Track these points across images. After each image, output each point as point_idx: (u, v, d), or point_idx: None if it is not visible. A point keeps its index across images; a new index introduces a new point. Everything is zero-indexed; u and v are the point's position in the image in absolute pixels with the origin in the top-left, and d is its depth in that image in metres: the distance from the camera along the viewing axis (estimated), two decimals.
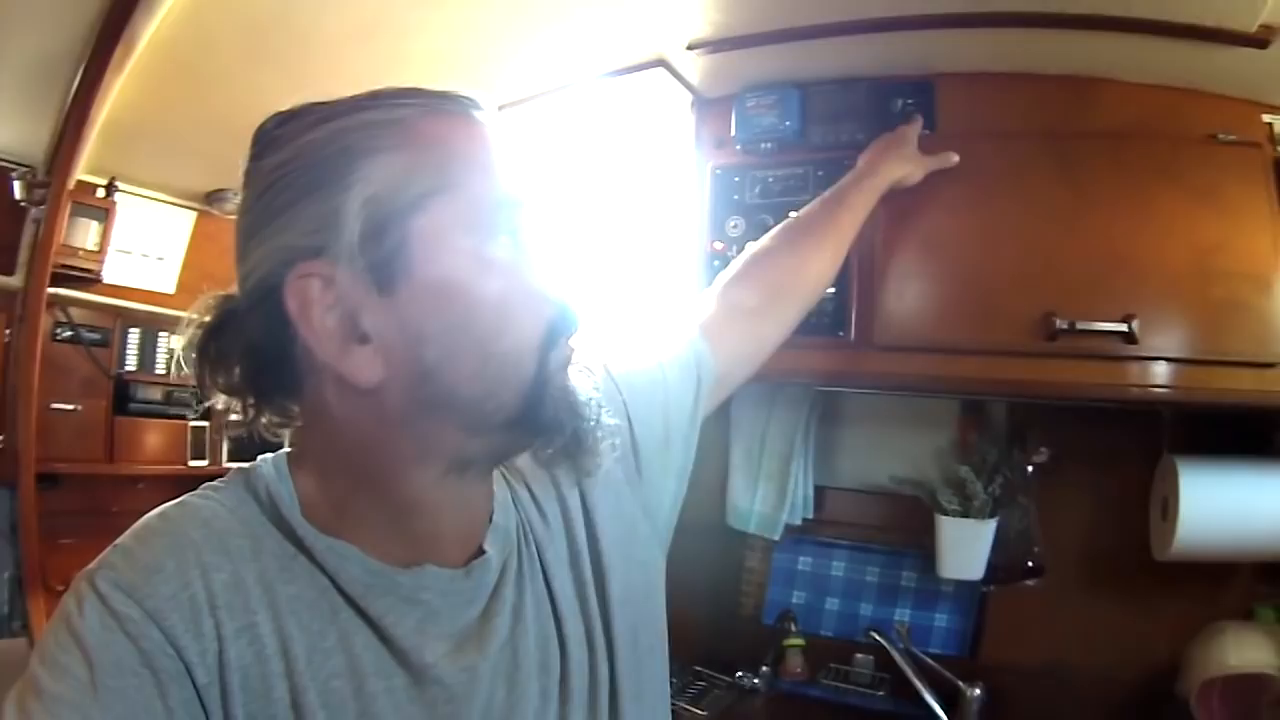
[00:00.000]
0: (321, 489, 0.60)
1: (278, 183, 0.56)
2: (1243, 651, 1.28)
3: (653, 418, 0.79)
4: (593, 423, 0.62)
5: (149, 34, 1.40)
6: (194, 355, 0.61)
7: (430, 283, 0.55)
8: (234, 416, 0.62)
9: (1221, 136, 1.19)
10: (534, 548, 0.68)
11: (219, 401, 0.62)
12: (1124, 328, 1.12)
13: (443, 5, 1.36)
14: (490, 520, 0.65)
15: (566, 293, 0.61)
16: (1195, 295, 1.15)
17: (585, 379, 0.64)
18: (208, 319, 0.61)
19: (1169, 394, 1.17)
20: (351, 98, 0.59)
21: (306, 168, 0.56)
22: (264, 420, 0.62)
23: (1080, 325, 1.10)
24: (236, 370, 0.60)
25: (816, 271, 1.03)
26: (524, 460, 0.69)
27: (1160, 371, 1.17)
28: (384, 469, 0.59)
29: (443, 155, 0.57)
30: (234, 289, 0.60)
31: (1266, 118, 1.22)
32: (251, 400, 0.61)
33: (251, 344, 0.58)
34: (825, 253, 1.04)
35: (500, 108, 0.63)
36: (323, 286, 0.54)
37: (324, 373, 0.56)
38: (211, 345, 0.60)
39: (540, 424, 0.60)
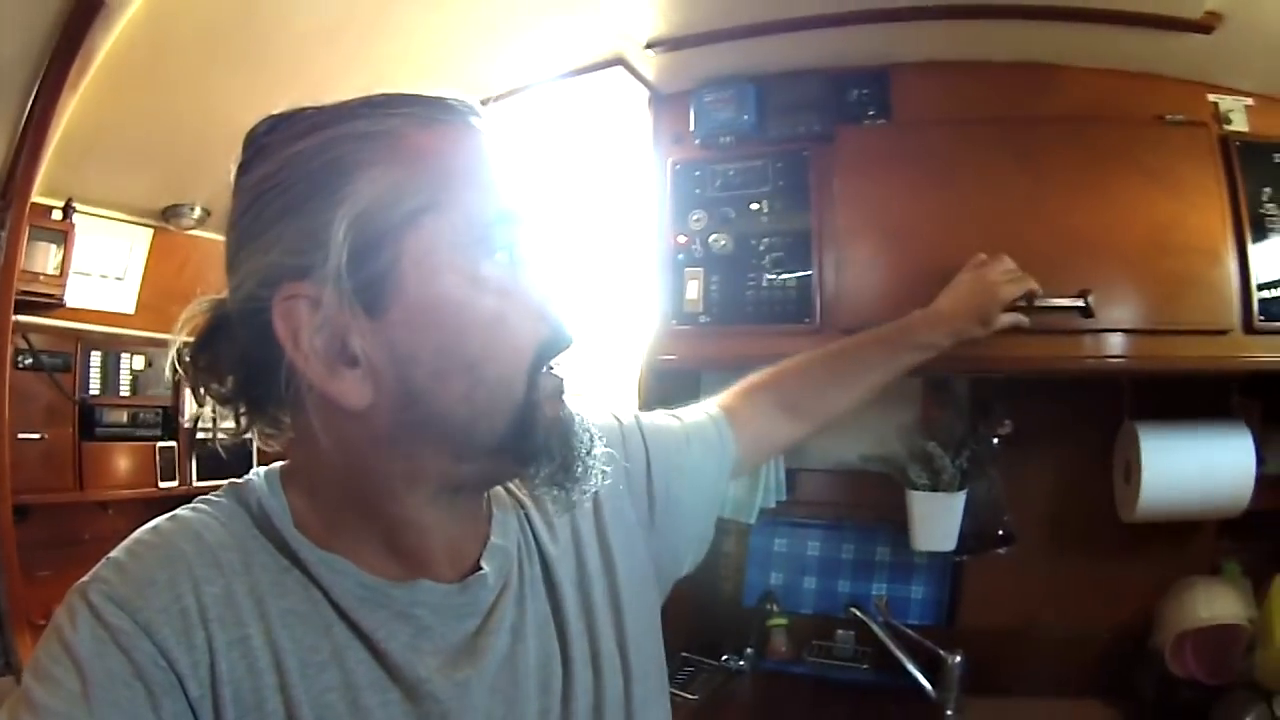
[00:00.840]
0: (313, 504, 0.59)
1: (264, 195, 0.55)
2: (1213, 604, 1.33)
3: (671, 476, 0.79)
4: (584, 451, 0.61)
5: (108, 44, 1.38)
6: (187, 362, 0.60)
7: (421, 304, 0.54)
8: (210, 433, 0.61)
9: (1170, 118, 1.25)
10: (538, 567, 0.67)
11: (206, 413, 0.60)
12: (1080, 303, 1.16)
13: (405, 9, 1.37)
14: (488, 538, 0.64)
15: (560, 311, 0.59)
16: (1150, 270, 1.20)
17: (579, 405, 0.62)
18: (200, 326, 0.59)
19: (1126, 364, 1.23)
20: (343, 104, 0.57)
21: (293, 182, 0.54)
22: (256, 429, 0.61)
23: (1038, 302, 1.14)
24: (229, 379, 0.59)
25: (840, 407, 1.03)
26: None
27: (1117, 343, 1.22)
28: (374, 490, 0.58)
29: (435, 170, 0.55)
30: (225, 293, 0.59)
31: (1211, 97, 1.28)
32: (243, 409, 0.60)
33: (243, 355, 0.57)
34: (854, 393, 1.04)
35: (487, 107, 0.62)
36: (310, 308, 0.53)
37: (312, 393, 0.55)
38: (203, 353, 0.59)
39: (530, 451, 0.58)
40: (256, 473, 0.61)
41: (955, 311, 1.08)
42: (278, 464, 0.62)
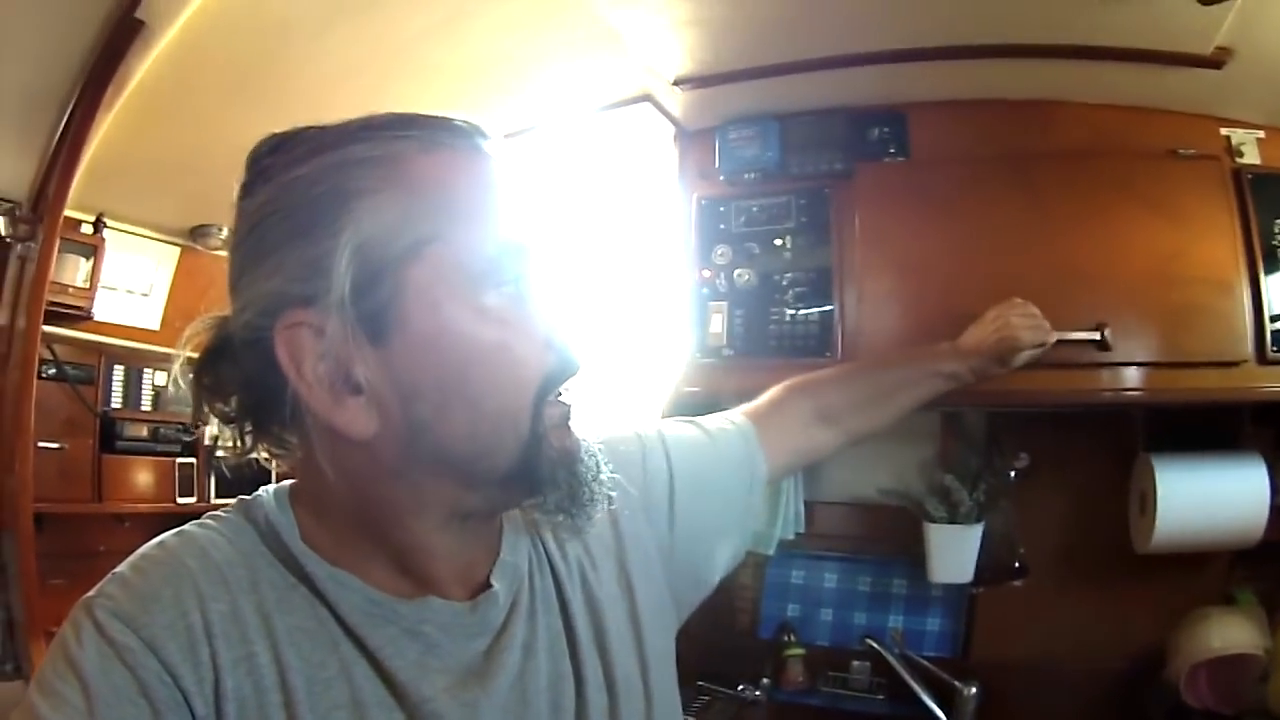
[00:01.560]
0: (321, 523, 0.58)
1: (266, 220, 0.55)
2: (1227, 634, 1.34)
3: (695, 497, 0.78)
4: (590, 478, 0.60)
5: (142, 71, 1.42)
6: (191, 381, 0.59)
7: (424, 335, 0.53)
8: (221, 451, 0.61)
9: (1182, 152, 1.27)
10: (550, 582, 0.66)
11: (210, 431, 0.60)
12: (1096, 336, 1.18)
13: (430, 47, 1.40)
14: (499, 554, 0.64)
15: (565, 341, 0.58)
16: (1160, 302, 1.22)
17: (585, 429, 0.62)
18: (204, 344, 0.59)
19: (1140, 396, 1.24)
20: (346, 125, 0.56)
21: (295, 208, 0.54)
22: (261, 450, 0.61)
23: (1056, 337, 1.16)
24: (234, 400, 0.59)
25: (874, 423, 1.04)
26: None
27: (1131, 376, 1.24)
28: (381, 516, 0.58)
29: (439, 199, 0.54)
30: (228, 312, 0.58)
31: (1224, 131, 1.30)
32: (249, 429, 0.60)
33: (247, 378, 0.57)
34: (888, 411, 1.05)
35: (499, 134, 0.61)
36: (313, 336, 0.53)
37: (316, 421, 0.55)
38: (208, 373, 0.59)
39: (536, 480, 0.58)
40: (265, 490, 0.61)
41: (977, 349, 1.12)
42: (287, 483, 0.62)
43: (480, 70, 1.44)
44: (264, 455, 0.61)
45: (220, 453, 0.63)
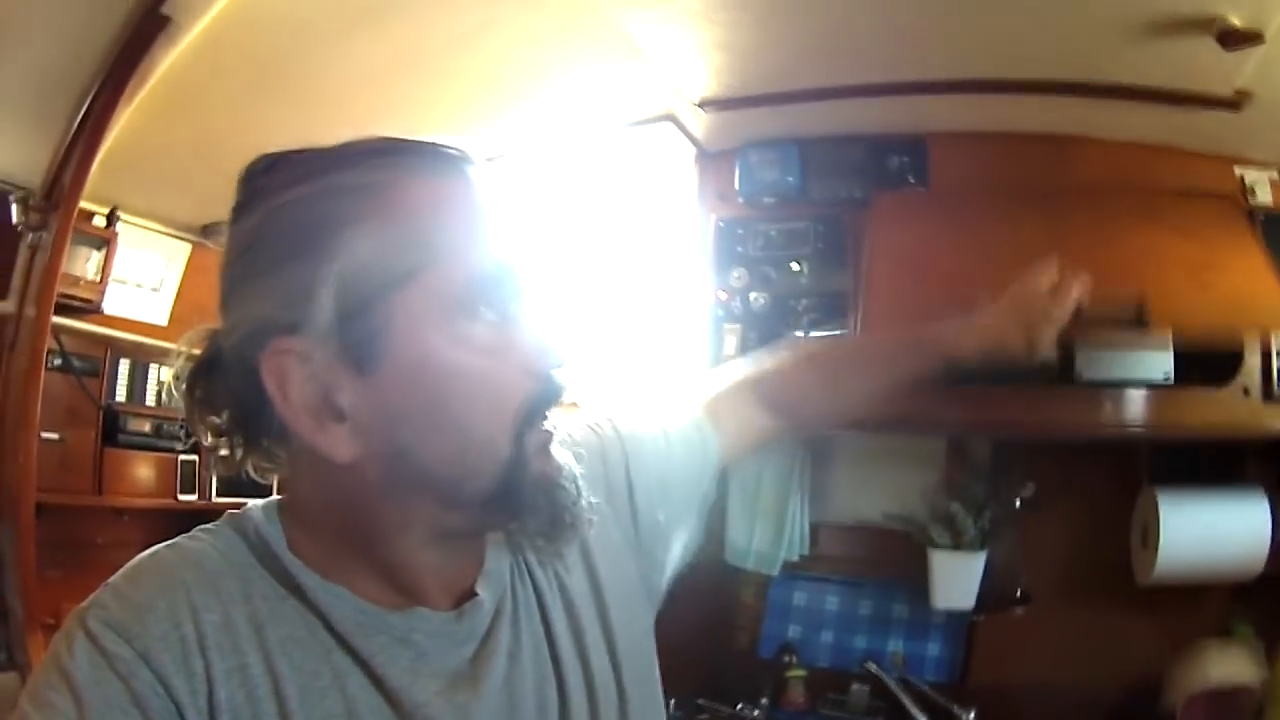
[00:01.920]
0: (309, 536, 0.59)
1: (255, 244, 0.55)
2: (1224, 666, 1.35)
3: (653, 490, 0.78)
4: (570, 503, 0.60)
5: (166, 64, 1.42)
6: (183, 392, 0.60)
7: (409, 364, 0.54)
8: (222, 454, 0.61)
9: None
10: (530, 590, 0.67)
11: (207, 439, 0.60)
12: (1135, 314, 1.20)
13: (454, 55, 1.41)
14: (483, 565, 0.64)
15: (548, 367, 0.59)
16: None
17: (567, 455, 0.62)
18: (196, 355, 0.60)
19: (1145, 430, 1.27)
20: (339, 150, 0.57)
21: (282, 234, 0.54)
22: (251, 463, 0.61)
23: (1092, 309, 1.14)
24: (224, 413, 0.60)
25: (830, 410, 0.96)
26: None
27: (1137, 408, 1.26)
28: (367, 533, 0.59)
29: (423, 229, 0.55)
30: (220, 326, 0.58)
31: (1238, 170, 1.32)
32: (239, 441, 0.60)
33: (236, 394, 0.58)
34: (848, 399, 0.95)
35: (507, 156, 0.62)
36: (298, 363, 0.53)
37: (301, 444, 0.55)
38: (199, 385, 0.60)
39: (517, 506, 0.59)
40: (254, 504, 0.61)
41: (995, 322, 0.95)
42: (275, 497, 0.62)
43: (503, 81, 1.44)
44: (254, 468, 0.62)
45: (220, 456, 0.62)
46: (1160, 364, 1.30)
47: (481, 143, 0.61)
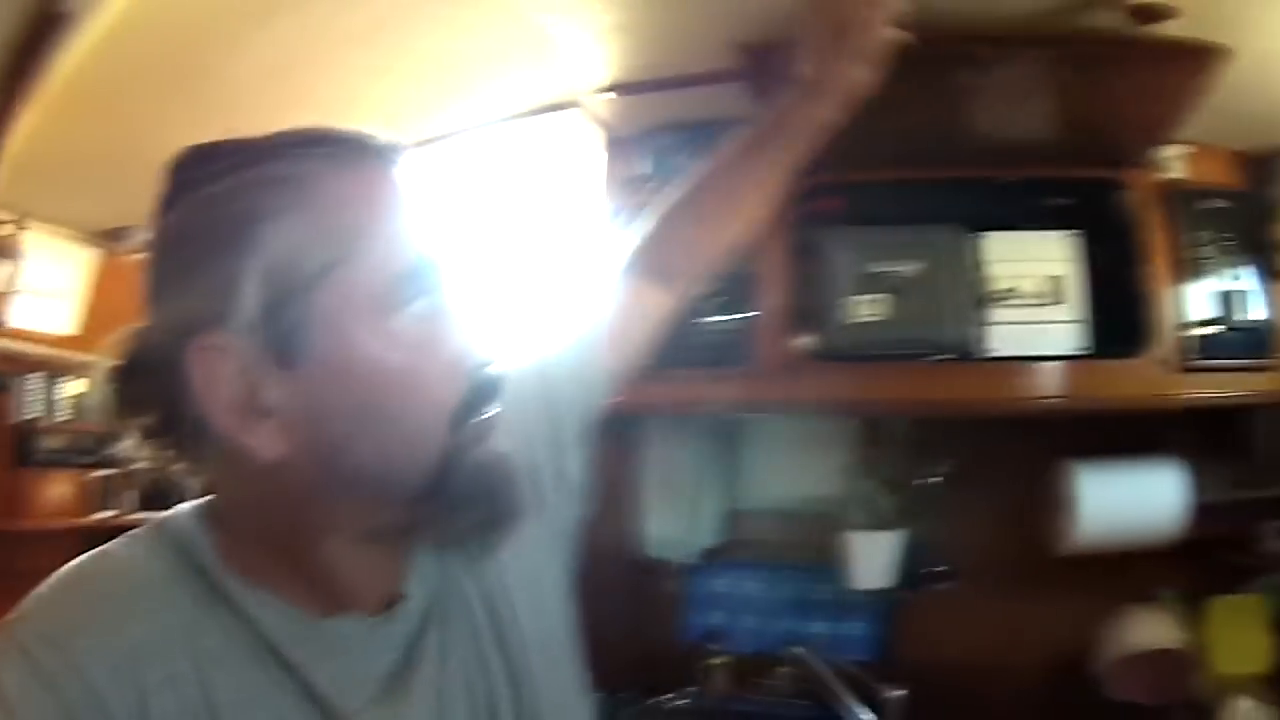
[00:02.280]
0: (237, 542, 0.58)
1: (179, 239, 0.55)
2: (1150, 631, 1.39)
3: (542, 440, 0.75)
4: (509, 494, 0.60)
5: (68, 64, 1.37)
6: (108, 396, 0.58)
7: (335, 359, 0.54)
8: (141, 465, 0.59)
9: None
10: (456, 588, 0.67)
11: (133, 444, 0.59)
12: None
13: (359, 49, 1.39)
14: (411, 568, 0.64)
15: (480, 361, 0.58)
16: None
17: (502, 443, 0.60)
18: (123, 355, 0.57)
19: (1062, 402, 1.29)
20: (262, 141, 0.57)
21: (206, 229, 0.54)
22: (179, 465, 0.60)
23: None
24: (151, 415, 0.58)
25: (718, 250, 0.89)
26: None
27: (1052, 380, 1.29)
28: (294, 537, 0.58)
29: (347, 221, 0.54)
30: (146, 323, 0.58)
31: None
32: (165, 446, 0.59)
33: (163, 394, 0.56)
34: (734, 226, 0.88)
35: (412, 147, 0.62)
36: (222, 359, 0.52)
37: (227, 443, 0.54)
38: (124, 387, 0.58)
39: (450, 502, 0.58)
40: (180, 509, 0.60)
41: (818, 64, 0.83)
42: (203, 500, 0.61)
43: (410, 73, 1.43)
44: (182, 470, 0.60)
45: (140, 466, 0.60)
46: (1073, 336, 1.33)
47: (391, 135, 0.60)
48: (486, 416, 0.59)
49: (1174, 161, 1.37)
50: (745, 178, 0.88)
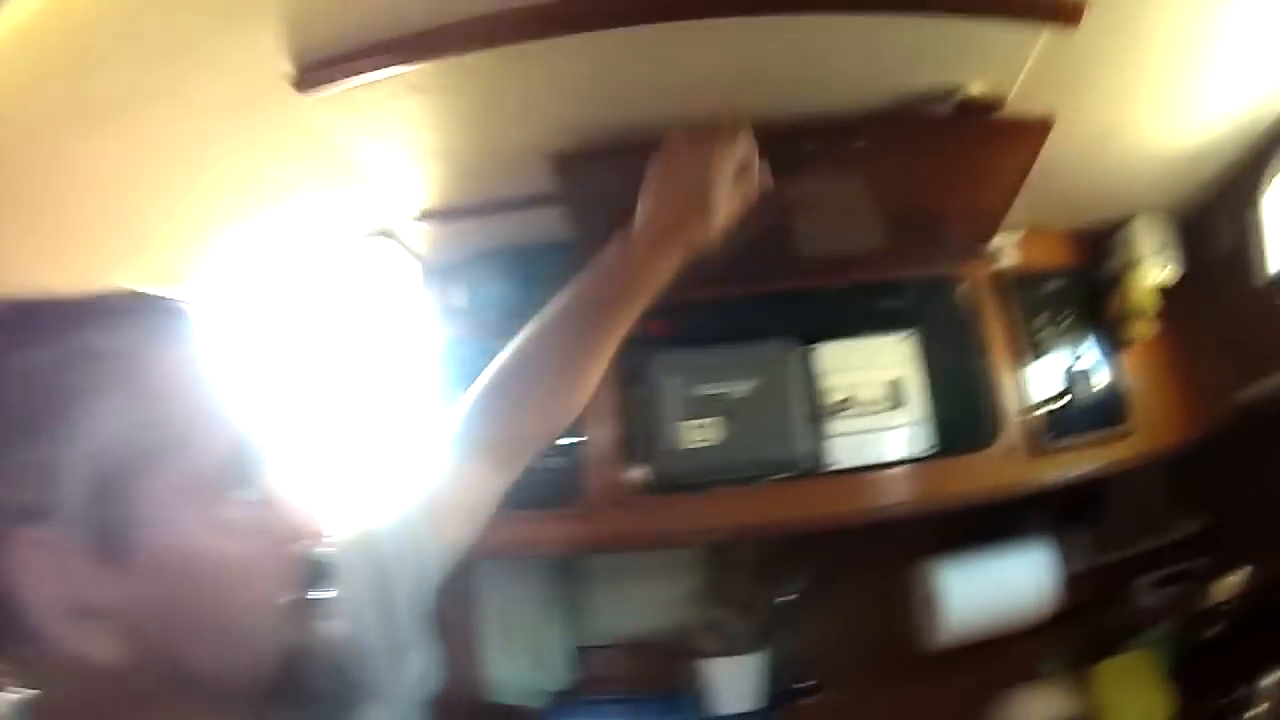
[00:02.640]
0: None
1: None
2: (1044, 706, 1.39)
3: (376, 618, 0.72)
4: (354, 683, 0.58)
5: None
6: None
7: (165, 554, 0.50)
8: None
9: None
10: None
11: None
12: None
13: (174, 166, 1.29)
14: None
15: (314, 541, 0.56)
16: None
17: (343, 624, 0.58)
18: None
19: (914, 506, 1.29)
20: (72, 305, 0.52)
21: (20, 403, 0.48)
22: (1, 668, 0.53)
23: None
24: None
25: (556, 425, 0.86)
26: None
27: (901, 485, 1.29)
28: None
29: (171, 405, 0.51)
30: None
31: None
32: None
33: None
34: (574, 394, 0.85)
35: (231, 280, 0.58)
36: (44, 556, 0.47)
37: (55, 645, 0.49)
38: None
39: (297, 694, 0.55)
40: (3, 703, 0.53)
41: (658, 218, 0.80)
42: (28, 694, 0.53)
43: (221, 194, 1.34)
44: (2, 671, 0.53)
45: None
46: (917, 438, 1.32)
47: (204, 266, 0.54)
48: (321, 600, 0.57)
49: (1006, 249, 1.40)
50: (577, 344, 0.84)
